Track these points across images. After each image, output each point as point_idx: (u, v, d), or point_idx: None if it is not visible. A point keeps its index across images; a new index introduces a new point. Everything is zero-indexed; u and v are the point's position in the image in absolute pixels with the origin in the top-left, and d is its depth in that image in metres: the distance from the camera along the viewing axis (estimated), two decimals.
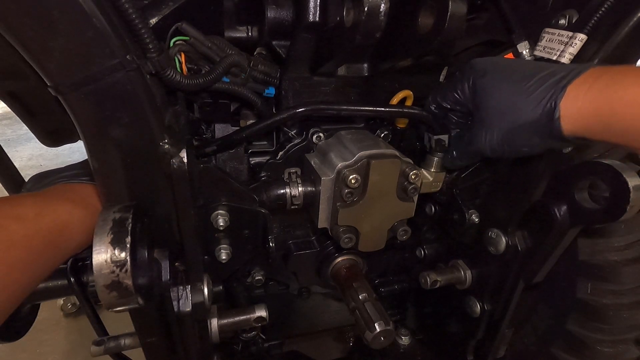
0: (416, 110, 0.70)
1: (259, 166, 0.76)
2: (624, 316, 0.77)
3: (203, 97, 0.69)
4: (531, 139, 0.53)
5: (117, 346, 0.75)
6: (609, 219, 0.58)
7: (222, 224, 0.64)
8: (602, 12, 0.58)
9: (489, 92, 0.57)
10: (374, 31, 0.52)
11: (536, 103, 0.51)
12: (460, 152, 0.68)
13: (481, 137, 0.59)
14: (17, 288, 0.44)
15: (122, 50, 0.43)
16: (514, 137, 0.55)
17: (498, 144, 0.57)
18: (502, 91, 0.55)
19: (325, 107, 0.66)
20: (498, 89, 0.56)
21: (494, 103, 0.56)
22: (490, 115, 0.57)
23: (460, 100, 0.63)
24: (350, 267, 0.89)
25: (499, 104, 0.55)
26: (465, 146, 0.66)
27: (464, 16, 0.53)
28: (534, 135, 0.53)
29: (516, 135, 0.54)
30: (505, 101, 0.55)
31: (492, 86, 0.57)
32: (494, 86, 0.57)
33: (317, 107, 0.65)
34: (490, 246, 0.75)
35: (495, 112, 0.56)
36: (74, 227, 0.51)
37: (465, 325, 0.88)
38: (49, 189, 0.58)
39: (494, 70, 0.58)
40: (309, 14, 0.60)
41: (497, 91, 0.56)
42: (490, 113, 0.57)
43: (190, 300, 0.59)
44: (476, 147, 0.61)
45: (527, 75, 0.53)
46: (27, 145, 3.59)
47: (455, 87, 0.63)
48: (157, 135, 0.49)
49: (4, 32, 0.40)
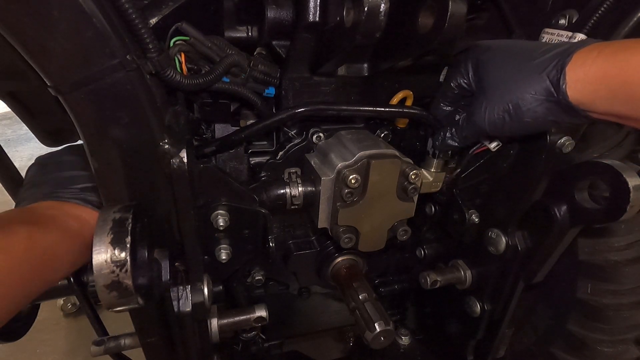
0: (416, 111, 0.70)
1: (259, 166, 0.75)
2: (624, 316, 0.77)
3: (203, 97, 0.69)
4: (536, 110, 0.51)
5: (117, 346, 0.75)
6: (609, 219, 0.58)
7: (222, 224, 0.64)
8: (602, 12, 0.58)
9: (493, 64, 0.56)
10: (374, 31, 0.52)
11: (542, 69, 0.49)
12: (454, 131, 0.65)
13: (480, 108, 0.56)
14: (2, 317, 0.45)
15: (122, 50, 0.43)
16: (516, 107, 0.52)
17: (498, 115, 0.54)
18: (505, 62, 0.54)
19: (325, 108, 0.66)
20: (501, 60, 0.55)
21: (496, 73, 0.55)
22: (493, 85, 0.55)
23: (464, 84, 0.62)
24: (350, 267, 0.89)
25: (503, 73, 0.54)
26: (461, 123, 0.63)
27: (464, 16, 0.53)
28: (538, 104, 0.51)
29: (519, 105, 0.52)
30: (509, 70, 0.53)
31: (496, 58, 0.56)
32: (497, 58, 0.56)
33: (317, 108, 0.65)
34: (490, 246, 0.75)
35: (498, 82, 0.54)
36: (61, 259, 0.52)
37: (465, 325, 0.88)
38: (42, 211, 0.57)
39: (497, 46, 0.57)
40: (309, 14, 0.60)
41: (501, 62, 0.55)
42: (493, 83, 0.55)
43: (190, 300, 0.59)
44: (474, 120, 0.58)
45: (532, 47, 0.53)
46: (27, 145, 3.59)
47: (459, 69, 0.61)
48: (157, 135, 0.49)
49: (4, 32, 0.40)
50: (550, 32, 0.64)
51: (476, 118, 0.58)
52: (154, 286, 0.51)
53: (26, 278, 0.47)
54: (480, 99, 0.57)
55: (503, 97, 0.53)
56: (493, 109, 0.55)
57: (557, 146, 0.63)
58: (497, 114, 0.54)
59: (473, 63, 0.59)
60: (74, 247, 0.53)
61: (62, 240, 0.53)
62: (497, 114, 0.54)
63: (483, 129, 0.58)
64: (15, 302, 0.47)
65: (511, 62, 0.53)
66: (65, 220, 0.56)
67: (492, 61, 0.56)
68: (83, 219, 0.57)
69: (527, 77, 0.51)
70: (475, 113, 0.58)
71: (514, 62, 0.53)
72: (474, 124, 0.59)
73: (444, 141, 0.68)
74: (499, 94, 0.54)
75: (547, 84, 0.49)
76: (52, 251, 0.51)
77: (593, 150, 0.75)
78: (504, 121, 0.54)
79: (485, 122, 0.56)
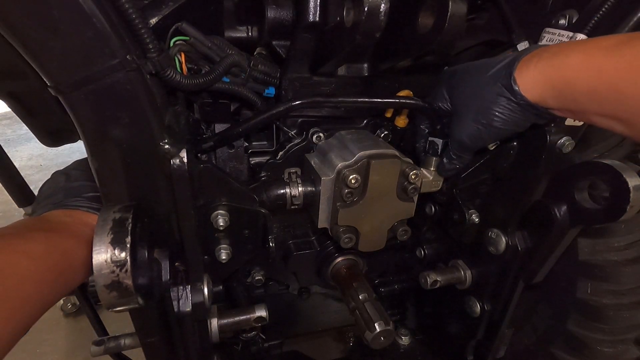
0: (413, 100, 0.69)
1: (259, 166, 0.75)
2: (624, 316, 0.77)
3: (203, 97, 0.69)
4: (502, 114, 0.55)
5: (117, 346, 0.75)
6: (609, 219, 0.58)
7: (222, 224, 0.64)
8: (602, 12, 0.58)
9: (457, 87, 0.62)
10: (374, 31, 0.52)
11: (496, 79, 0.55)
12: (447, 156, 0.69)
13: (456, 126, 0.62)
14: (27, 321, 0.48)
15: (122, 50, 0.43)
16: (485, 117, 0.57)
17: (472, 128, 0.59)
18: (467, 81, 0.60)
19: (322, 100, 0.65)
20: (463, 81, 0.61)
21: (461, 93, 0.61)
22: (460, 104, 0.62)
23: (443, 107, 0.66)
24: (350, 267, 0.89)
25: (467, 90, 0.60)
26: (449, 145, 0.68)
27: (464, 16, 0.53)
28: (501, 110, 0.55)
29: (486, 114, 0.57)
30: (471, 87, 0.59)
31: (459, 81, 0.62)
32: (460, 80, 0.62)
33: (313, 100, 0.64)
34: (490, 246, 0.75)
35: (464, 99, 0.61)
36: (78, 264, 0.55)
37: (465, 325, 0.88)
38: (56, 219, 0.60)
39: (461, 69, 0.63)
40: (309, 14, 0.60)
41: (463, 83, 0.61)
42: (460, 103, 0.62)
43: (190, 300, 0.59)
44: (454, 138, 0.64)
45: (488, 63, 0.58)
46: (27, 145, 3.59)
47: (435, 95, 0.66)
48: (157, 135, 0.49)
49: (4, 32, 0.40)
50: (550, 32, 0.64)
51: (456, 136, 0.63)
52: (154, 286, 0.51)
53: (48, 283, 0.50)
54: (455, 119, 0.63)
55: (471, 111, 0.59)
56: (467, 124, 0.60)
57: (557, 146, 0.63)
58: (471, 127, 0.59)
59: (446, 88, 0.65)
60: (88, 253, 0.55)
61: (77, 246, 0.55)
62: (471, 127, 0.59)
63: (466, 144, 0.63)
64: (39, 307, 0.49)
65: (473, 79, 0.59)
66: (78, 227, 0.58)
67: (457, 83, 0.62)
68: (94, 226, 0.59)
69: (485, 88, 0.56)
70: (455, 132, 0.63)
71: (474, 79, 0.59)
72: (457, 142, 0.64)
73: (443, 166, 0.71)
74: (467, 109, 0.60)
75: (502, 89, 0.54)
76: (69, 256, 0.53)
77: (593, 150, 0.75)
78: (479, 132, 0.59)
79: (464, 136, 0.61)
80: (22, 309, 0.46)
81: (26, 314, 0.47)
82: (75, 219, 0.60)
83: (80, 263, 0.55)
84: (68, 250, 0.54)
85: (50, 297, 0.51)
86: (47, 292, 0.50)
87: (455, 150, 0.66)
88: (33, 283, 0.48)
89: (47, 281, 0.50)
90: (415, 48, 0.61)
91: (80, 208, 0.62)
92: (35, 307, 0.49)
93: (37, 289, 0.48)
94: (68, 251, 0.54)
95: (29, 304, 0.47)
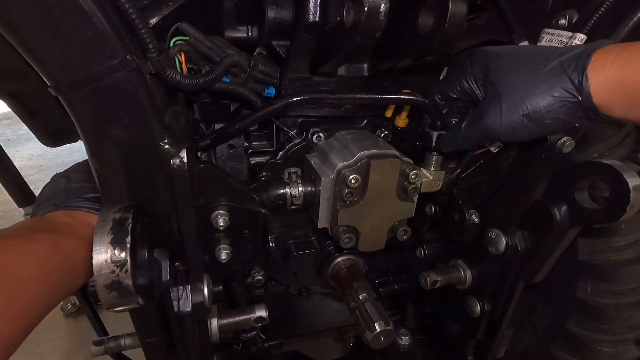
0: (413, 97, 0.69)
1: (259, 166, 0.75)
2: (624, 316, 0.77)
3: (203, 97, 0.69)
4: (557, 111, 0.50)
5: (117, 346, 0.75)
6: (609, 219, 0.58)
7: (222, 224, 0.64)
8: (602, 12, 0.58)
9: (506, 69, 0.54)
10: (374, 31, 0.52)
11: (562, 71, 0.48)
12: (456, 134, 0.63)
13: (496, 113, 0.54)
14: (32, 322, 0.48)
15: (122, 50, 0.43)
16: (537, 110, 0.51)
17: (517, 119, 0.52)
18: (521, 66, 0.53)
19: (319, 97, 0.65)
20: (516, 65, 0.53)
21: (512, 77, 0.53)
22: (509, 89, 0.53)
23: (467, 89, 0.61)
24: (350, 267, 0.89)
25: (519, 77, 0.52)
26: (468, 125, 0.61)
27: (464, 16, 0.53)
28: (559, 106, 0.49)
29: (540, 107, 0.50)
30: (525, 74, 0.52)
31: (509, 63, 0.54)
32: (510, 63, 0.54)
33: (311, 97, 0.64)
34: (490, 246, 0.75)
35: (515, 85, 0.52)
36: (80, 264, 0.55)
37: (465, 325, 0.88)
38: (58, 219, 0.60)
39: (508, 50, 0.56)
40: (309, 14, 0.60)
41: (515, 66, 0.53)
42: (509, 87, 0.53)
43: (190, 300, 0.59)
44: (485, 124, 0.56)
45: (545, 50, 0.52)
46: (27, 145, 3.59)
47: (464, 73, 0.60)
48: (157, 135, 0.49)
49: (4, 32, 0.40)
50: (550, 32, 0.64)
51: (489, 122, 0.56)
52: (154, 286, 0.51)
53: (52, 284, 0.50)
54: (494, 104, 0.55)
55: (522, 100, 0.52)
56: (512, 113, 0.53)
57: (557, 146, 0.63)
58: (516, 117, 0.53)
59: (483, 68, 0.58)
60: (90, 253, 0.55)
61: (79, 246, 0.55)
62: (516, 117, 0.53)
63: (496, 134, 0.56)
64: (44, 308, 0.49)
65: (528, 66, 0.52)
66: (80, 228, 0.58)
67: (505, 66, 0.54)
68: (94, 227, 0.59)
69: (546, 79, 0.49)
70: (488, 118, 0.55)
71: (530, 65, 0.52)
72: (484, 128, 0.57)
73: (446, 142, 0.68)
74: (516, 97, 0.52)
75: (569, 85, 0.48)
76: (72, 257, 0.53)
77: (593, 150, 0.75)
78: (522, 124, 0.53)
79: (500, 126, 0.54)
80: (27, 310, 0.46)
81: (31, 315, 0.47)
82: (77, 220, 0.60)
83: (83, 264, 0.55)
84: (71, 251, 0.54)
85: (54, 298, 0.51)
86: (51, 293, 0.50)
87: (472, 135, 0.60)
88: (38, 284, 0.48)
89: (51, 282, 0.50)
90: (415, 48, 0.61)
91: (82, 208, 0.62)
92: (39, 308, 0.49)
93: (42, 290, 0.48)
94: (71, 252, 0.54)
95: (34, 305, 0.47)
